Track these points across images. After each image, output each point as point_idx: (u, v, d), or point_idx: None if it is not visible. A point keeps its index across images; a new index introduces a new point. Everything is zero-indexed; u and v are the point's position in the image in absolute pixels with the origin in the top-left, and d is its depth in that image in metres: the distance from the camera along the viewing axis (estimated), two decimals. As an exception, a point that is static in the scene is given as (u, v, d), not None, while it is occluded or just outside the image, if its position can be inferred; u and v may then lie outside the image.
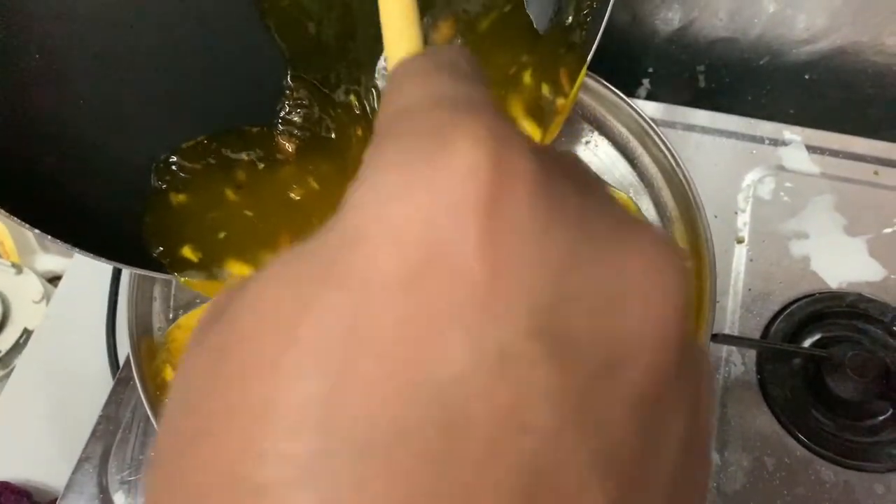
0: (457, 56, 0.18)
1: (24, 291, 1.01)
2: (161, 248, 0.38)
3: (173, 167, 0.38)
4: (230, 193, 0.40)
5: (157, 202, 0.38)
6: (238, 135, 0.39)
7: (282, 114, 0.39)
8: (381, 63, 0.40)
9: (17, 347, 0.95)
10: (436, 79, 0.17)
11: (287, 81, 0.39)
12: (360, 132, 0.40)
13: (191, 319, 0.51)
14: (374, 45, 0.39)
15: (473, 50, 0.27)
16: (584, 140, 0.59)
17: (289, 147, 0.40)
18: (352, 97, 0.40)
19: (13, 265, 1.02)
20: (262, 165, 0.40)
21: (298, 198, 0.40)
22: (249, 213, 0.40)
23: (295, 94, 0.39)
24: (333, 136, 0.40)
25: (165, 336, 0.51)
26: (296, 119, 0.39)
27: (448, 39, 0.39)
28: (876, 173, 0.62)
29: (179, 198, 0.39)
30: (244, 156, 0.39)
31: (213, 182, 0.39)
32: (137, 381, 0.47)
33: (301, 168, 0.40)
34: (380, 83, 0.40)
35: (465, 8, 0.39)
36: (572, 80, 0.41)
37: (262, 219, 0.40)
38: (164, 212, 0.38)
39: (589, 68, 0.56)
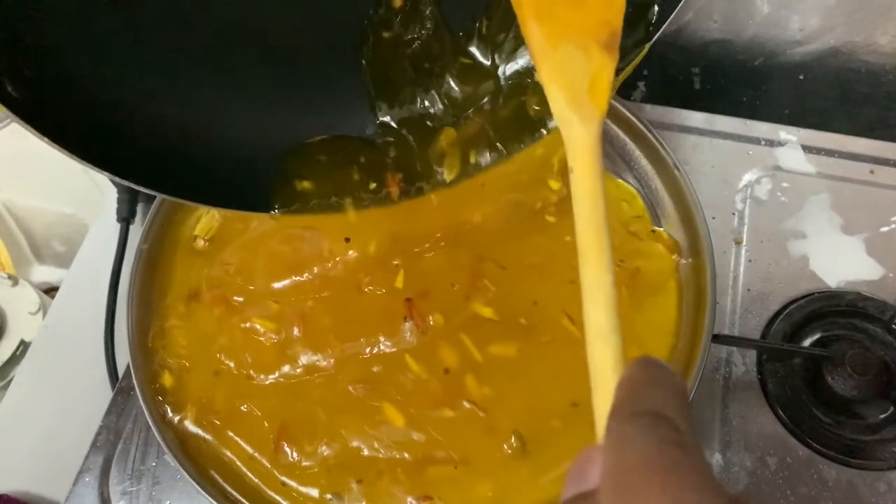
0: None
1: (21, 303, 1.01)
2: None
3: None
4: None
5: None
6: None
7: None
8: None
9: (15, 359, 0.95)
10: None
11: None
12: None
13: (182, 319, 0.51)
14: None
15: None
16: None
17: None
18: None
19: (9, 276, 1.02)
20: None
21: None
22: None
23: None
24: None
25: (161, 334, 0.50)
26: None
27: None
28: (872, 172, 0.62)
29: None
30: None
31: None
32: (138, 390, 0.46)
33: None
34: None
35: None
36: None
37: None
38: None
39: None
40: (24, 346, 0.97)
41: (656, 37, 0.38)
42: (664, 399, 0.23)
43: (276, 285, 0.51)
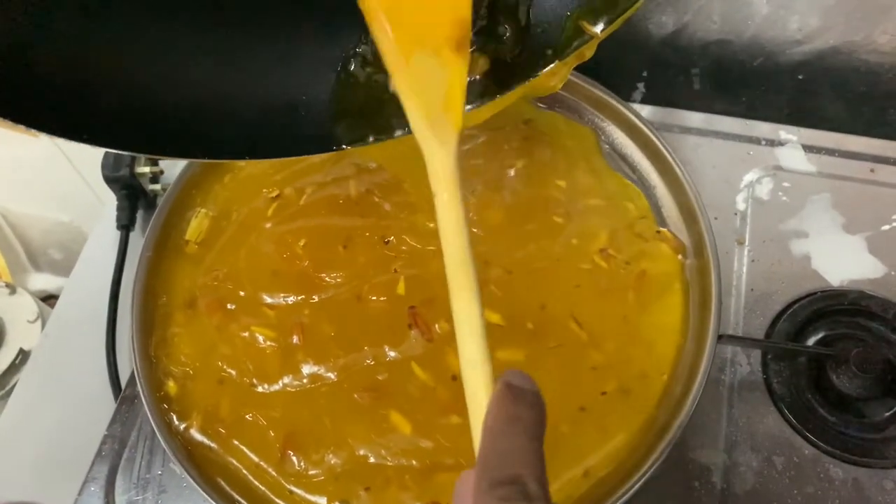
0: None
1: (19, 311, 1.01)
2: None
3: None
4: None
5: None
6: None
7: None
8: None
9: (14, 367, 0.95)
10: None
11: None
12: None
13: (182, 327, 0.51)
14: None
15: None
16: (582, 145, 0.59)
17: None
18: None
19: (6, 285, 1.01)
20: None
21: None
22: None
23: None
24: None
25: (164, 343, 0.50)
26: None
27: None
28: (872, 171, 0.63)
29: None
30: None
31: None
32: (143, 398, 0.46)
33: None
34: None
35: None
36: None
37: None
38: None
39: (584, 73, 0.56)
40: (23, 354, 0.97)
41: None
42: (518, 451, 0.25)
43: (266, 296, 0.51)
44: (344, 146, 0.40)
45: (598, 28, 0.37)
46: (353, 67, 0.41)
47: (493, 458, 0.26)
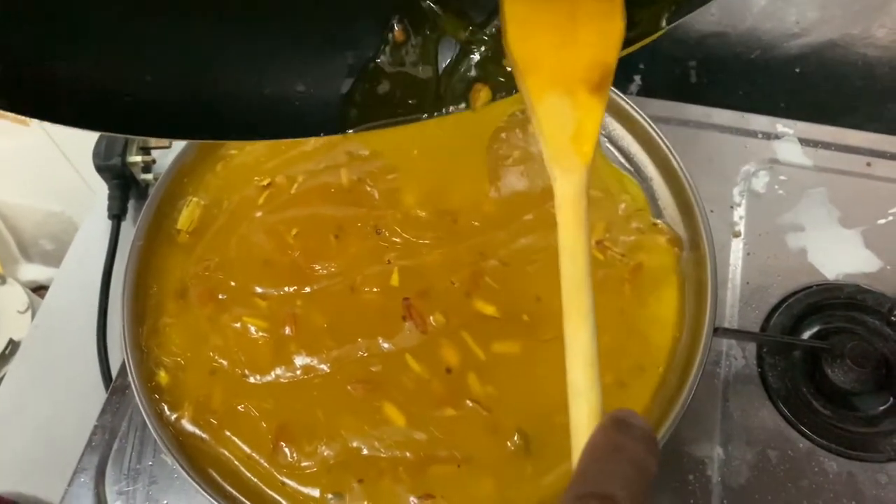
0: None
1: (8, 302, 1.00)
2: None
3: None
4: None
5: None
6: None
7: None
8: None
9: (3, 358, 0.94)
10: None
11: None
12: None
13: (174, 317, 0.50)
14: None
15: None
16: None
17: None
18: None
19: (-3, 275, 1.01)
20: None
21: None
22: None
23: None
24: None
25: (155, 333, 0.50)
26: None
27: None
28: (869, 165, 0.63)
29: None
30: None
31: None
32: (135, 388, 0.46)
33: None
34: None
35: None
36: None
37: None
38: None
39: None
40: (12, 345, 0.96)
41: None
42: (618, 474, 0.24)
43: (258, 286, 0.50)
44: (351, 131, 0.39)
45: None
46: (380, 60, 0.40)
47: (589, 475, 0.24)
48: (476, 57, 0.37)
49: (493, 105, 0.37)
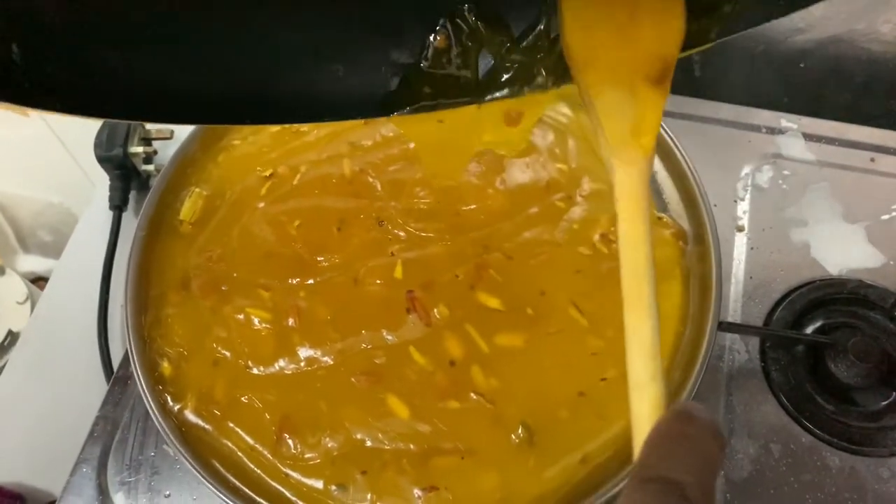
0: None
1: (7, 292, 1.00)
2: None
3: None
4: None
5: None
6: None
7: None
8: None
9: (3, 349, 0.94)
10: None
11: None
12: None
13: (176, 308, 0.50)
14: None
15: None
16: (583, 130, 0.58)
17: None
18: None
19: (-4, 266, 1.00)
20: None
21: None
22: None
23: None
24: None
25: (157, 323, 0.50)
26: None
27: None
28: (872, 160, 0.63)
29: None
30: None
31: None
32: (139, 378, 0.46)
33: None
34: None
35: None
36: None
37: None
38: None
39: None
40: (11, 336, 0.96)
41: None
42: (684, 461, 0.23)
43: (261, 277, 0.50)
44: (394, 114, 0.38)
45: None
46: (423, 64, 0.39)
47: (652, 462, 0.23)
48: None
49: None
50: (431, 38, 0.37)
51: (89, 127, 0.67)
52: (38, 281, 1.12)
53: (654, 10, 0.30)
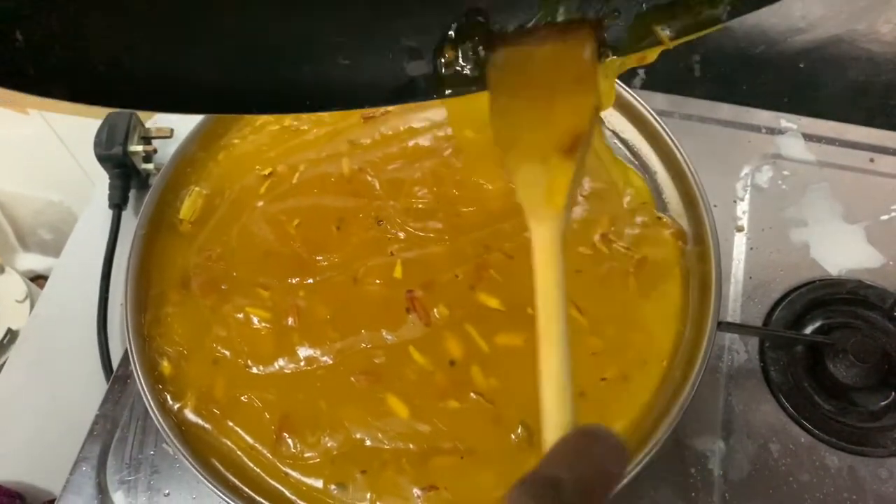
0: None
1: (7, 291, 1.00)
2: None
3: None
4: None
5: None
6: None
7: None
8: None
9: (2, 347, 0.94)
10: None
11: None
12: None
13: (176, 307, 0.50)
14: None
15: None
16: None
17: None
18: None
19: (-5, 264, 1.00)
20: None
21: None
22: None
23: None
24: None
25: (157, 322, 0.50)
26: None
27: None
28: (872, 161, 0.63)
29: None
30: None
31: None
32: (138, 377, 0.46)
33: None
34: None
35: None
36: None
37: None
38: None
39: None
40: (10, 334, 0.96)
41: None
42: (572, 467, 0.24)
43: (260, 277, 0.50)
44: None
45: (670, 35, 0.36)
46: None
47: (540, 469, 0.24)
48: None
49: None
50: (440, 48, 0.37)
51: (89, 125, 0.67)
52: (38, 279, 1.12)
53: (568, 93, 0.34)
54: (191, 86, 0.34)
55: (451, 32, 0.37)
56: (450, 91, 0.38)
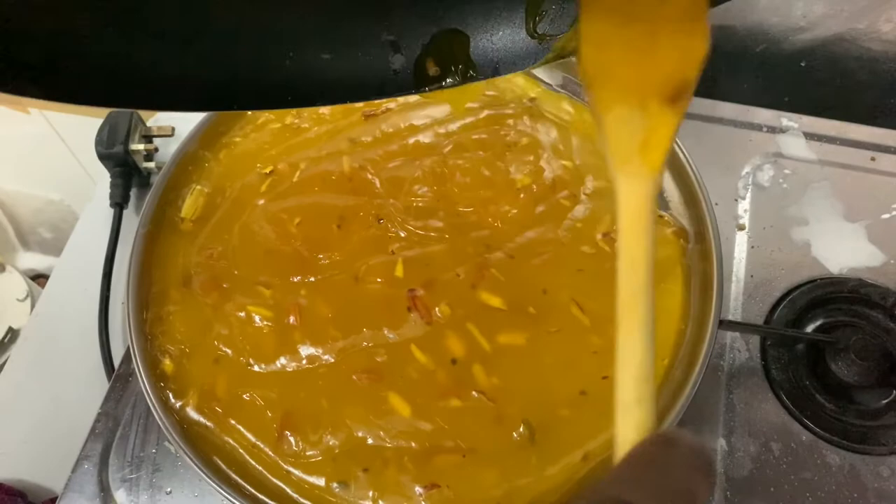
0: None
1: (8, 290, 1.00)
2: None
3: None
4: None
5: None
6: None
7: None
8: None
9: (3, 346, 0.94)
10: None
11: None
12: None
13: (178, 305, 0.50)
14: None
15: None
16: (584, 128, 0.58)
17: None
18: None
19: (-4, 263, 1.00)
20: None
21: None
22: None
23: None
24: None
25: (159, 320, 0.50)
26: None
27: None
28: (873, 159, 0.63)
29: None
30: None
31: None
32: (140, 375, 0.46)
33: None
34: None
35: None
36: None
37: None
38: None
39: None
40: (12, 333, 0.96)
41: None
42: (646, 486, 0.21)
43: (261, 275, 0.50)
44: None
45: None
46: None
47: (613, 483, 0.22)
48: None
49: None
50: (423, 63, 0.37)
51: (90, 124, 0.67)
52: (39, 278, 1.12)
53: (675, 31, 0.29)
54: (168, 83, 0.34)
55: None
56: (434, 85, 0.37)
